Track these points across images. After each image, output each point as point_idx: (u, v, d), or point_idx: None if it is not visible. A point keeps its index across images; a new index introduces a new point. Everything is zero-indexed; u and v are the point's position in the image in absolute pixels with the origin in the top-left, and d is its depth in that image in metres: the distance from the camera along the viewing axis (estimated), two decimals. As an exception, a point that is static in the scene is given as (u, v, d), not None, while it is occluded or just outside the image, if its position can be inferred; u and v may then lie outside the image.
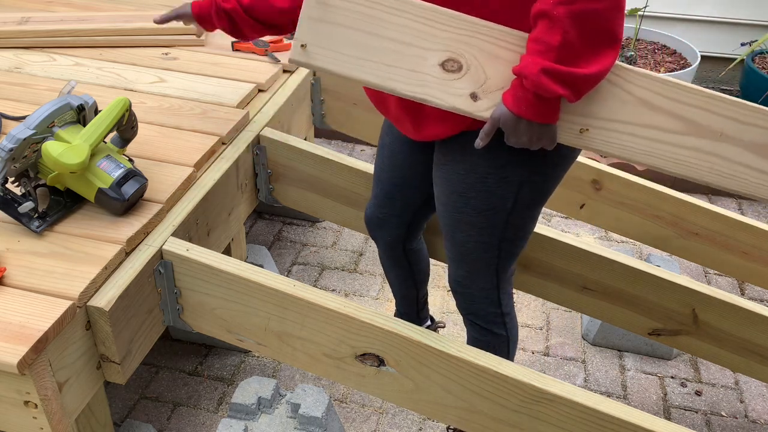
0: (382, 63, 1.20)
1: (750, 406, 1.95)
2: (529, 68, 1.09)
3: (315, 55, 1.20)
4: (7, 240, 1.37)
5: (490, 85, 1.19)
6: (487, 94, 1.20)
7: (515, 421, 1.36)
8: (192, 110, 1.83)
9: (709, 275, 2.41)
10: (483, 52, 1.18)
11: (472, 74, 1.19)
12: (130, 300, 1.34)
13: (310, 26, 1.20)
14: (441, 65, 1.19)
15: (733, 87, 3.58)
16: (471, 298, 1.49)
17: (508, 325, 1.53)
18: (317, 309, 1.36)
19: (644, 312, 1.71)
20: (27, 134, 1.29)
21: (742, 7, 3.32)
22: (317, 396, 1.51)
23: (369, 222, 1.67)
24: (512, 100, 1.13)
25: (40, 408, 1.20)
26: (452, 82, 1.20)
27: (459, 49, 1.18)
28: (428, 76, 1.20)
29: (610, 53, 1.11)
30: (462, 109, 1.20)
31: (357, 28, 1.19)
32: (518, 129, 1.15)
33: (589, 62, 1.09)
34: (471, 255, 1.40)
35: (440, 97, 1.20)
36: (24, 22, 2.13)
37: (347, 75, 1.21)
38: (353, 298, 2.24)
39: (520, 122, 1.14)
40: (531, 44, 1.10)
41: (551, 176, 1.31)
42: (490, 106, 1.19)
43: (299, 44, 1.20)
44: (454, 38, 1.18)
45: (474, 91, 1.20)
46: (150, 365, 1.97)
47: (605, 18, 1.07)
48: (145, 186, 1.45)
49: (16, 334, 1.17)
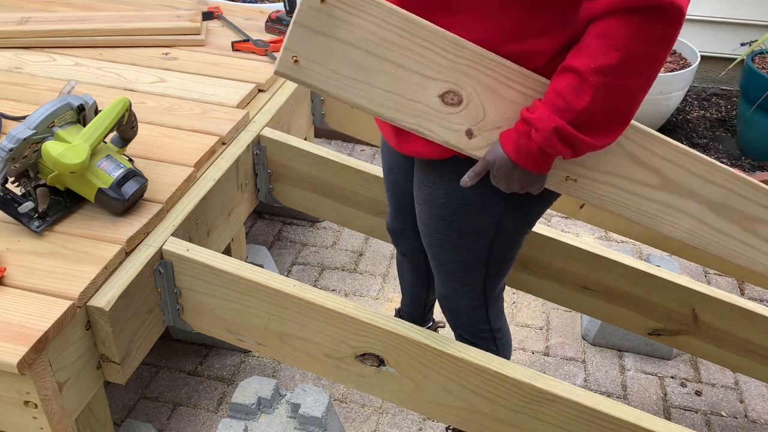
0: (380, 88, 1.11)
1: (750, 406, 1.95)
2: (542, 122, 1.05)
3: (309, 72, 1.09)
4: (7, 240, 1.37)
5: (487, 123, 1.14)
6: (482, 132, 1.14)
7: (515, 421, 1.36)
8: (192, 110, 1.83)
9: (709, 275, 2.41)
10: (484, 87, 1.12)
11: (470, 109, 1.13)
12: (130, 300, 1.34)
13: (305, 37, 1.07)
14: (440, 97, 1.13)
15: (733, 87, 3.58)
16: (458, 315, 1.47)
17: (498, 341, 1.50)
18: (317, 309, 1.36)
19: (644, 312, 1.71)
20: (27, 134, 1.29)
21: (742, 7, 3.32)
22: (317, 396, 1.51)
23: (390, 233, 1.67)
24: (513, 147, 1.09)
25: (40, 408, 1.20)
26: (450, 116, 1.13)
27: (461, 81, 1.12)
28: (426, 107, 1.13)
29: (620, 130, 1.10)
30: (455, 145, 1.15)
31: (361, 47, 1.09)
32: (512, 176, 1.11)
33: (598, 134, 1.07)
34: (456, 274, 1.37)
35: (436, 130, 1.14)
36: (24, 22, 2.13)
37: (342, 98, 1.11)
38: (353, 298, 2.24)
39: (515, 170, 1.10)
40: (552, 95, 1.05)
41: (535, 208, 1.28)
42: (484, 145, 1.15)
43: (291, 56, 1.07)
44: (457, 68, 1.11)
45: (470, 128, 1.14)
46: (150, 365, 1.97)
47: (633, 97, 1.05)
48: (145, 186, 1.45)
49: (16, 334, 1.17)
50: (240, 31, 2.28)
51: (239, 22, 2.37)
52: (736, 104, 3.44)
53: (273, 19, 2.29)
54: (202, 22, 2.27)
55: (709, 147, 3.13)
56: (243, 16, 2.43)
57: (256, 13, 2.48)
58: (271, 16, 2.30)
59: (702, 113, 3.41)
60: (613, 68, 1.00)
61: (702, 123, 3.32)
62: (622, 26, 0.99)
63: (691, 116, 3.37)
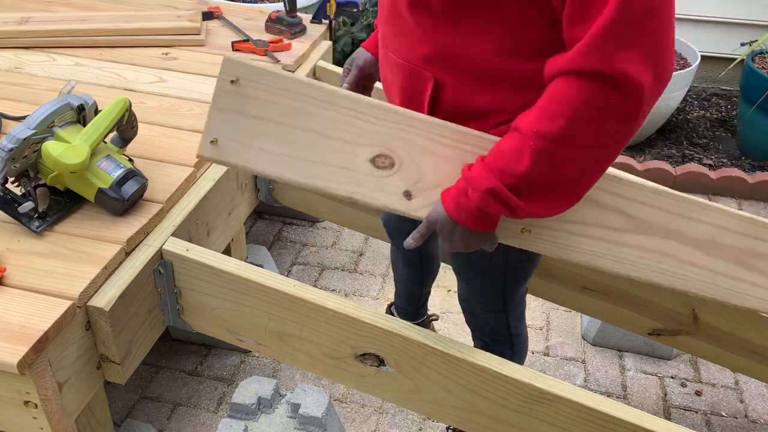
0: (308, 160, 1.09)
1: (750, 406, 1.95)
2: (478, 182, 1.00)
3: (229, 152, 1.08)
4: (7, 240, 1.37)
5: (425, 183, 1.11)
6: (421, 192, 1.11)
7: (515, 421, 1.36)
8: (192, 110, 1.83)
9: (709, 275, 2.41)
10: (417, 147, 1.10)
11: (405, 171, 1.10)
12: (130, 300, 1.34)
13: (222, 119, 1.07)
14: (371, 161, 1.10)
15: (733, 87, 3.58)
16: (477, 318, 1.46)
17: (515, 346, 1.49)
18: (317, 309, 1.35)
19: (644, 312, 1.71)
20: (27, 134, 1.29)
21: (742, 7, 3.32)
22: (317, 396, 1.51)
23: (385, 225, 1.66)
24: (453, 205, 1.05)
25: (40, 408, 1.20)
26: (384, 179, 1.10)
27: (391, 144, 1.09)
28: (359, 173, 1.10)
29: (566, 204, 1.03)
30: (395, 209, 1.12)
31: (279, 121, 1.08)
32: (454, 235, 1.07)
33: (539, 201, 1.01)
34: (474, 278, 1.37)
35: (372, 195, 1.10)
36: (24, 22, 2.13)
37: (267, 174, 1.09)
38: (353, 298, 2.24)
39: (456, 228, 1.06)
40: (495, 153, 1.01)
41: None
42: (425, 204, 1.12)
43: (209, 139, 1.07)
44: (385, 132, 1.09)
45: (408, 189, 1.11)
46: (150, 365, 1.97)
47: (579, 170, 0.99)
48: (145, 186, 1.45)
49: (16, 334, 1.17)
50: (240, 31, 2.28)
51: (239, 22, 2.37)
52: (736, 104, 3.44)
53: (273, 19, 2.29)
54: (202, 22, 2.27)
55: (709, 147, 3.13)
56: (243, 16, 2.43)
57: (256, 13, 2.48)
58: (271, 16, 2.30)
59: (702, 113, 3.41)
60: (555, 136, 0.94)
61: (702, 123, 3.32)
62: (573, 91, 0.92)
63: (691, 116, 3.37)
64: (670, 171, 2.79)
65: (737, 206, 2.77)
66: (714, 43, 3.43)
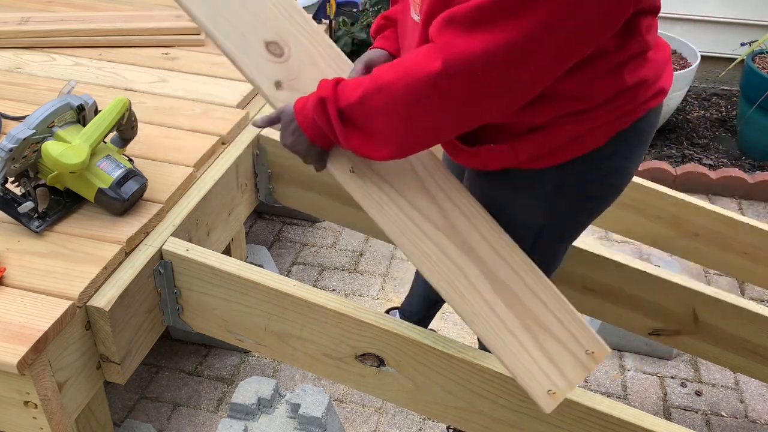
0: (222, 15, 1.21)
1: (750, 406, 1.95)
2: (321, 90, 1.09)
3: None
4: (7, 240, 1.37)
5: (297, 84, 1.22)
6: (290, 89, 1.22)
7: (515, 421, 1.36)
8: (192, 110, 1.83)
9: (709, 275, 2.40)
10: (308, 55, 1.23)
11: (287, 66, 1.22)
12: (129, 300, 1.34)
13: None
14: (266, 44, 1.23)
15: (733, 87, 3.58)
16: None
17: None
18: (317, 309, 1.35)
19: (644, 312, 1.71)
20: (27, 134, 1.29)
21: (742, 7, 3.32)
22: (317, 396, 1.51)
23: None
24: (301, 103, 1.12)
25: (40, 408, 1.20)
26: (267, 62, 1.22)
27: (288, 41, 1.23)
28: (251, 47, 1.22)
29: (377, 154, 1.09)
30: (263, 90, 1.22)
31: None
32: (289, 127, 1.14)
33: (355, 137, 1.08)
34: None
35: (251, 68, 1.21)
36: (24, 22, 2.13)
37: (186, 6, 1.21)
38: (353, 298, 2.24)
39: (293, 122, 1.13)
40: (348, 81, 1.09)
41: (578, 222, 1.27)
42: (286, 99, 1.21)
43: None
44: (290, 29, 1.24)
45: (280, 80, 1.22)
46: (150, 365, 1.97)
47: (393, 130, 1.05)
48: (145, 186, 1.45)
49: (16, 334, 1.17)
50: (240, 31, 2.28)
51: (239, 22, 2.36)
52: (736, 104, 3.44)
53: (273, 19, 2.28)
54: (202, 22, 2.26)
55: (709, 147, 3.13)
56: (243, 16, 2.43)
57: (256, 13, 2.48)
58: (271, 16, 2.29)
59: (702, 113, 3.41)
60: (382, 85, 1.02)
61: (702, 123, 3.32)
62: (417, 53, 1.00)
63: (691, 116, 3.37)
64: (670, 171, 2.79)
65: (737, 206, 2.77)
66: (714, 43, 3.42)
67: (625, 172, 1.21)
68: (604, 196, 1.24)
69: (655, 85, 1.14)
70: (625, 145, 1.17)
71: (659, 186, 1.90)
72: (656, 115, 1.19)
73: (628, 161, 1.20)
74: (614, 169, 1.19)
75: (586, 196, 1.21)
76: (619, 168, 1.20)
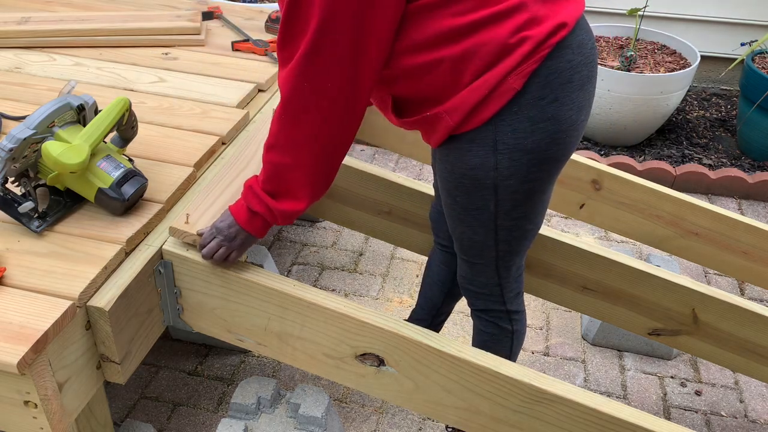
0: None
1: (750, 406, 1.95)
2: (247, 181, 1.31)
3: None
4: (7, 240, 1.37)
5: None
6: None
7: (515, 421, 1.36)
8: (192, 110, 1.83)
9: (709, 275, 2.41)
10: None
11: None
12: (130, 300, 1.34)
13: None
14: None
15: (733, 87, 3.58)
16: (475, 294, 1.50)
17: (514, 323, 1.53)
18: (317, 309, 1.36)
19: (644, 312, 1.71)
20: (27, 134, 1.29)
21: (742, 7, 3.32)
22: (317, 396, 1.51)
23: (431, 219, 1.71)
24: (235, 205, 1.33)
25: (40, 408, 1.20)
26: None
27: None
28: None
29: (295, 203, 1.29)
30: None
31: None
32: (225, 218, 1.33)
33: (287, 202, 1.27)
34: (470, 251, 1.41)
35: None
36: (24, 22, 2.13)
37: None
38: (353, 298, 2.24)
39: (229, 218, 1.33)
40: None
41: (528, 179, 1.25)
42: None
43: None
44: None
45: None
46: (150, 365, 1.97)
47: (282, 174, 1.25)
48: (145, 186, 1.45)
49: (16, 334, 1.17)
50: (240, 31, 2.28)
51: (239, 22, 2.37)
52: (736, 104, 3.44)
53: (273, 19, 2.29)
54: (202, 22, 2.27)
55: (709, 147, 3.13)
56: (243, 16, 2.43)
57: (256, 13, 2.48)
58: (271, 16, 2.30)
59: (702, 113, 3.41)
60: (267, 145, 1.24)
61: (702, 123, 3.32)
62: None
63: (691, 116, 3.37)
64: (670, 171, 2.79)
65: (737, 206, 2.78)
66: (714, 43, 3.43)
67: (562, 119, 1.20)
68: (545, 148, 1.21)
69: (551, 19, 1.15)
70: (546, 88, 1.17)
71: (659, 186, 1.91)
72: (571, 51, 1.18)
73: (561, 105, 1.19)
74: (544, 116, 1.18)
75: (523, 148, 1.20)
76: (550, 114, 1.19)
